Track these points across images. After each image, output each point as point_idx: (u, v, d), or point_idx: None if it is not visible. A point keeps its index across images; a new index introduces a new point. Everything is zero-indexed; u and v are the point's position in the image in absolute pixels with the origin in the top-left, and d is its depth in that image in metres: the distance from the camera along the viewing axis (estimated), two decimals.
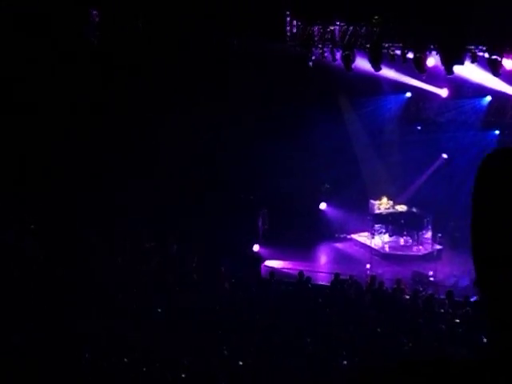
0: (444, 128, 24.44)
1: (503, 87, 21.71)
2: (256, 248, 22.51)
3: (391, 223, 23.78)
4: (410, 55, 17.55)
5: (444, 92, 23.75)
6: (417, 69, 17.91)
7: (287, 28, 17.82)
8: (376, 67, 18.11)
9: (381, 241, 23.51)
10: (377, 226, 23.81)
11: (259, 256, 22.07)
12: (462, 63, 17.02)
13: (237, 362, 13.51)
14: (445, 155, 24.67)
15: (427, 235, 23.39)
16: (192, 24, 17.48)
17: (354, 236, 24.34)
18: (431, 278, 19.94)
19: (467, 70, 19.45)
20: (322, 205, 25.09)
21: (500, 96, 22.66)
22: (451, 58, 16.71)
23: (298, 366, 13.32)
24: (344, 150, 23.83)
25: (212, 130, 21.44)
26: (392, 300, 17.40)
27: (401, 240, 23.52)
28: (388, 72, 20.99)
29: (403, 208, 24.14)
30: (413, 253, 22.95)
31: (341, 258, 22.78)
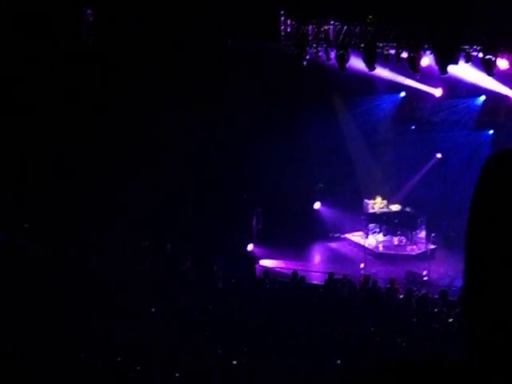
0: (438, 128, 24.47)
1: (497, 87, 21.75)
2: (250, 247, 22.51)
3: (385, 223, 23.81)
4: (404, 55, 17.54)
5: (438, 92, 23.78)
6: (411, 68, 17.91)
7: (281, 27, 17.81)
8: (370, 67, 18.11)
9: (375, 240, 23.53)
10: (371, 226, 23.83)
11: (253, 255, 22.06)
12: (456, 63, 17.02)
13: (231, 362, 13.50)
14: (439, 155, 24.69)
15: (421, 235, 23.41)
16: (186, 23, 17.45)
17: (348, 235, 24.36)
18: (425, 278, 19.98)
19: (461, 70, 19.47)
20: (316, 204, 25.10)
21: (494, 96, 22.69)
22: (445, 58, 16.72)
23: (292, 366, 13.31)
24: (338, 150, 23.85)
25: (207, 130, 21.41)
26: (386, 299, 17.42)
27: (395, 239, 23.55)
28: (382, 71, 20.99)
29: (397, 207, 24.18)
30: (407, 252, 22.97)
31: (335, 258, 22.80)
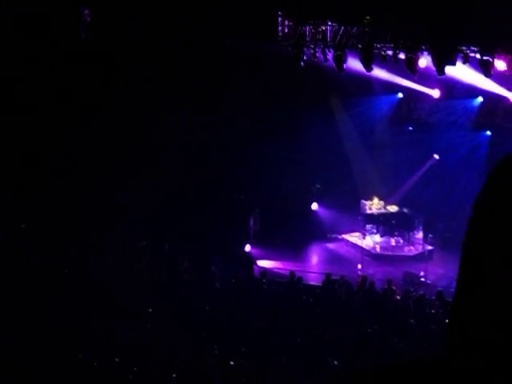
0: (435, 128, 24.48)
1: (495, 88, 21.75)
2: (247, 248, 22.50)
3: (382, 223, 23.81)
4: (402, 56, 17.56)
5: (436, 93, 23.79)
6: (408, 69, 17.92)
7: (279, 28, 17.81)
8: (367, 68, 18.11)
9: (372, 241, 23.54)
10: (368, 227, 23.84)
11: (251, 256, 22.05)
12: (454, 64, 17.04)
13: (228, 362, 13.49)
14: (436, 156, 24.70)
15: (418, 236, 23.43)
16: (185, 24, 17.44)
17: (346, 236, 24.35)
18: (422, 279, 19.97)
19: (459, 71, 19.48)
20: (314, 205, 25.10)
21: (491, 97, 22.71)
22: (443, 59, 16.73)
23: (289, 366, 13.31)
24: (335, 151, 23.85)
25: (205, 131, 21.41)
26: (383, 300, 17.42)
27: (392, 240, 23.55)
28: (379, 72, 20.99)
29: (394, 208, 24.18)
30: (404, 253, 22.98)
31: (332, 259, 22.80)
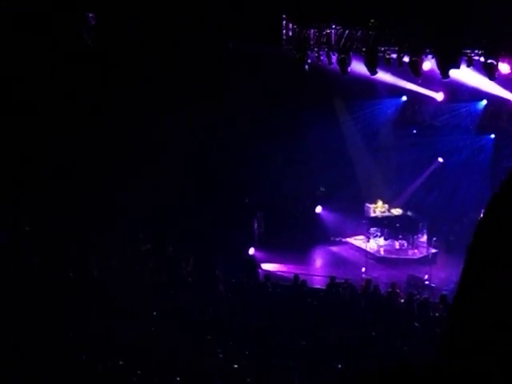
0: (440, 132, 24.47)
1: (499, 91, 21.74)
2: (251, 251, 22.49)
3: (386, 227, 23.80)
4: (406, 59, 17.53)
5: (440, 96, 23.78)
6: (413, 72, 17.90)
7: (283, 31, 17.80)
8: (372, 71, 18.10)
9: (376, 244, 23.52)
10: (372, 230, 23.82)
11: (255, 259, 22.03)
12: (458, 67, 17.03)
13: (232, 365, 13.48)
14: (440, 159, 24.68)
15: (422, 239, 23.40)
16: (188, 26, 17.45)
17: (350, 239, 24.34)
18: (426, 282, 19.95)
19: (463, 74, 19.47)
20: (318, 208, 25.10)
21: (495, 100, 22.69)
22: (447, 62, 16.71)
23: (293, 369, 13.30)
24: (339, 154, 23.85)
25: (205, 131, 21.40)
26: (387, 304, 17.40)
27: (396, 243, 23.54)
28: (384, 75, 20.98)
29: (398, 212, 24.17)
30: (408, 256, 22.96)
31: (336, 262, 22.78)
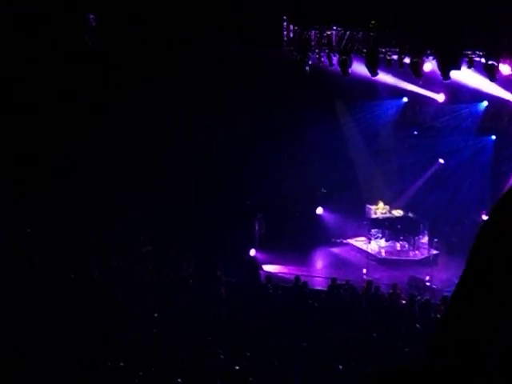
0: (440, 133, 24.44)
1: (500, 92, 21.72)
2: (252, 252, 22.48)
3: (387, 228, 23.78)
4: (407, 60, 17.54)
5: (441, 97, 23.75)
6: (413, 74, 17.89)
7: (284, 32, 17.81)
8: (373, 72, 18.10)
9: (377, 246, 23.51)
10: (373, 231, 23.81)
11: (256, 261, 22.03)
12: (459, 68, 17.03)
13: (233, 366, 13.48)
14: (441, 160, 24.66)
15: (423, 240, 23.39)
16: (188, 27, 17.45)
17: (351, 241, 24.32)
18: (427, 283, 19.94)
19: (464, 75, 19.46)
20: (319, 209, 25.08)
21: (496, 101, 22.67)
22: (448, 63, 16.71)
23: (294, 371, 13.29)
24: (340, 155, 23.82)
25: (205, 131, 21.39)
26: (388, 305, 17.39)
27: (397, 245, 23.53)
28: (385, 77, 20.97)
29: (400, 213, 24.15)
30: (409, 258, 22.95)
31: (337, 263, 22.76)
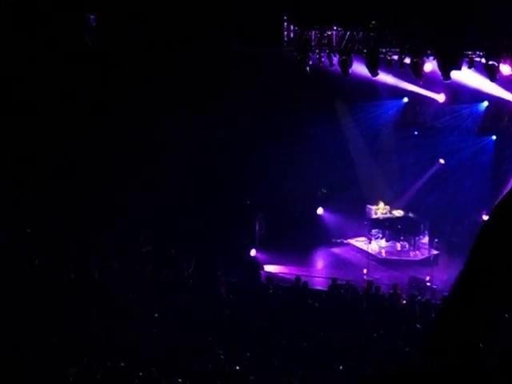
0: (441, 133, 24.43)
1: (500, 92, 21.72)
2: (253, 253, 22.48)
3: (388, 228, 23.78)
4: (407, 60, 17.55)
5: (441, 97, 23.74)
6: (414, 74, 17.90)
7: (284, 33, 17.82)
8: (373, 72, 18.11)
9: (377, 246, 23.50)
10: (374, 231, 23.80)
11: (257, 261, 22.03)
12: (459, 68, 17.03)
13: (233, 367, 13.48)
14: (442, 160, 24.66)
15: (424, 240, 23.39)
16: (188, 27, 17.45)
17: (351, 241, 24.31)
18: (428, 283, 19.94)
19: (464, 75, 19.46)
20: (319, 210, 25.07)
21: (497, 101, 22.66)
22: (448, 63, 16.72)
23: (295, 371, 13.29)
24: (341, 155, 23.81)
25: (206, 131, 21.39)
26: (388, 305, 17.39)
27: (397, 245, 23.52)
28: (385, 77, 20.97)
29: (400, 213, 24.14)
30: (409, 258, 22.95)
31: (338, 263, 22.76)
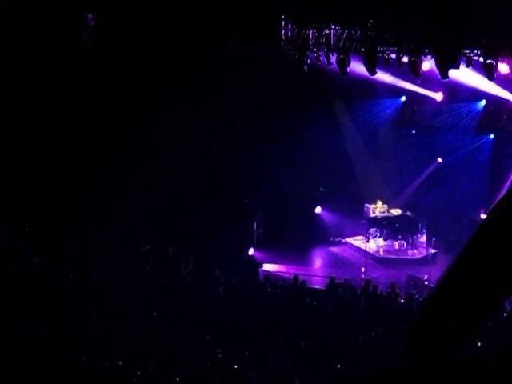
0: (439, 132, 24.46)
1: (498, 91, 21.74)
2: (251, 252, 22.49)
3: (386, 227, 23.80)
4: (405, 59, 17.56)
5: (439, 96, 23.76)
6: (412, 73, 17.92)
7: (282, 32, 17.82)
8: (371, 71, 18.11)
9: (375, 245, 23.52)
10: (372, 230, 23.82)
11: (255, 260, 22.04)
12: (457, 67, 17.04)
13: (232, 366, 13.48)
14: (440, 159, 24.68)
15: (422, 239, 23.42)
16: (187, 26, 17.46)
17: (349, 240, 24.33)
18: (426, 282, 19.95)
19: (462, 74, 19.47)
20: (317, 208, 25.09)
21: (495, 100, 22.68)
22: (446, 62, 16.73)
23: (293, 370, 13.29)
24: (339, 154, 23.83)
25: (208, 133, 21.40)
26: (386, 304, 17.40)
27: (395, 244, 23.54)
28: (383, 76, 20.98)
29: (398, 212, 24.16)
30: (407, 257, 22.97)
31: (335, 262, 22.77)
